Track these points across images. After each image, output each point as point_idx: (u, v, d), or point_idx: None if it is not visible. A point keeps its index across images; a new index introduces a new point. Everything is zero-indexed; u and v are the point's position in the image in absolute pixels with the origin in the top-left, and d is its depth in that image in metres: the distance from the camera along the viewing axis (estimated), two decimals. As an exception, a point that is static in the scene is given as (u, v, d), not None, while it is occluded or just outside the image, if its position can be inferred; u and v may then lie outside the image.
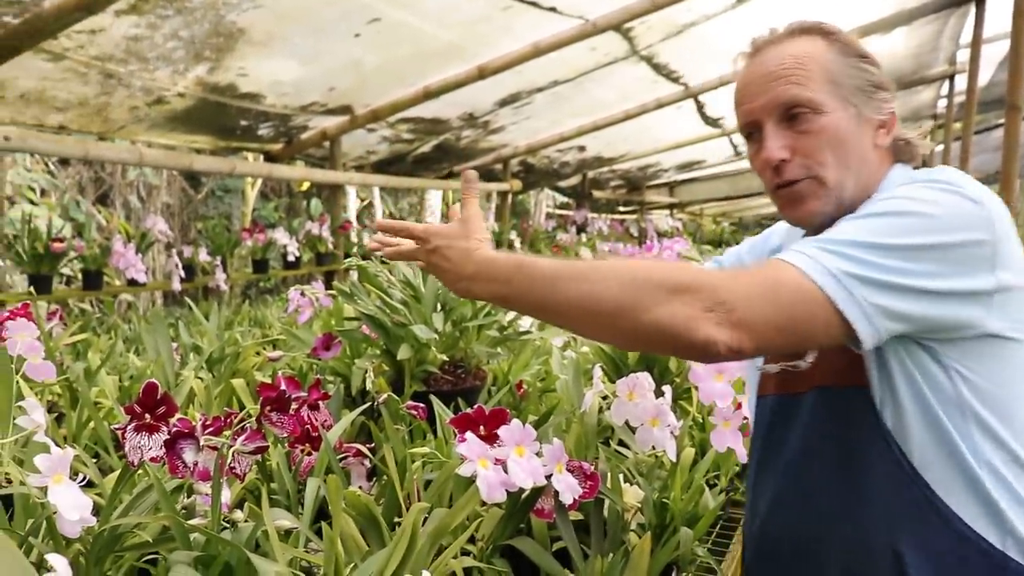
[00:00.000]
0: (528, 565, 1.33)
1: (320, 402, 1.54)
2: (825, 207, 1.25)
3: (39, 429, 1.06)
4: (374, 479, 1.58)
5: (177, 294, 4.33)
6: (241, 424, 1.16)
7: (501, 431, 1.06)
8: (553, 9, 4.08)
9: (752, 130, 1.30)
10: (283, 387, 1.47)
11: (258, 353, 2.54)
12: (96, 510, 1.13)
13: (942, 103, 8.57)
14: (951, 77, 7.58)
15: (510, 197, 7.82)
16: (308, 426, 1.48)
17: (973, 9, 5.62)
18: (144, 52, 3.34)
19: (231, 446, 1.14)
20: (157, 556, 1.22)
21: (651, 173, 10.51)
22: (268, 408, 1.22)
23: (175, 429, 1.11)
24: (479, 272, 1.20)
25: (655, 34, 4.87)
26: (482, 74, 4.57)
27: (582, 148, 7.71)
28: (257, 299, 7.59)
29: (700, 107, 6.99)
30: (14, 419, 1.12)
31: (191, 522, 1.16)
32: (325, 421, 1.52)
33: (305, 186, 10.10)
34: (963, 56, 6.66)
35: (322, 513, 1.34)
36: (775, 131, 1.26)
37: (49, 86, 3.42)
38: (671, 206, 12.50)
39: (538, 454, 1.10)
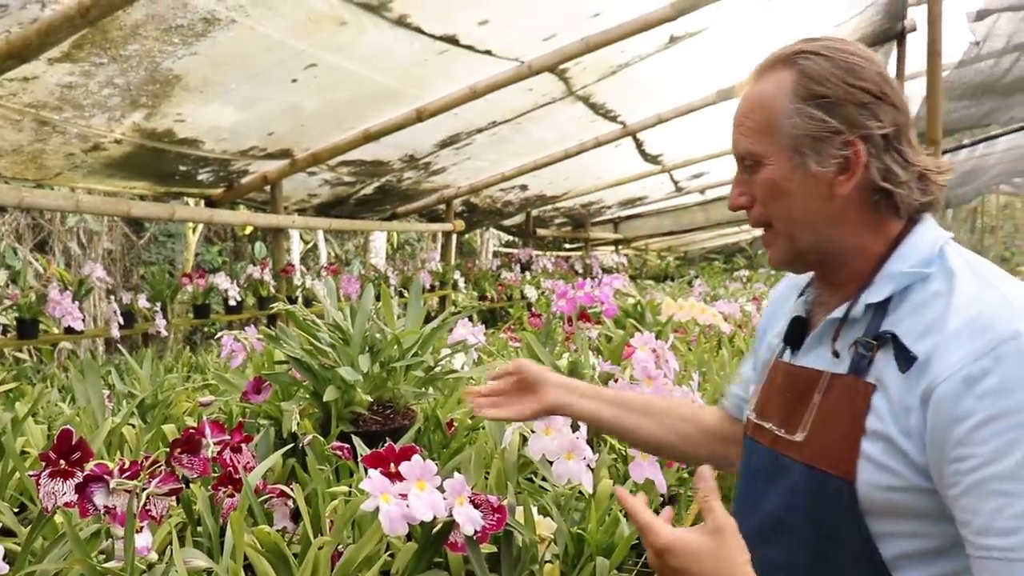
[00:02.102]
0: (444, 598, 1.36)
1: (243, 444, 1.56)
2: (782, 256, 1.24)
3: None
4: (300, 520, 1.61)
5: (117, 341, 4.29)
6: (155, 467, 1.19)
7: (402, 467, 1.10)
8: (488, 52, 4.17)
9: None
10: (206, 430, 1.50)
11: (192, 399, 2.55)
12: (12, 559, 1.14)
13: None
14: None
15: (454, 237, 7.88)
16: (231, 469, 1.51)
17: (895, 48, 5.85)
18: (79, 99, 3.36)
19: (145, 488, 1.17)
20: (75, 602, 1.23)
21: (595, 210, 10.65)
22: (178, 450, 1.24)
23: (88, 473, 1.14)
24: None
25: (590, 75, 4.98)
26: (420, 117, 4.63)
27: (524, 187, 7.80)
28: (202, 344, 7.53)
29: (639, 145, 7.13)
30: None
31: (106, 565, 1.18)
32: (247, 463, 1.54)
33: (249, 229, 10.07)
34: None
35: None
36: (739, 177, 1.25)
37: (-19, 134, 3.42)
38: (616, 242, 12.68)
39: (440, 488, 1.14)
